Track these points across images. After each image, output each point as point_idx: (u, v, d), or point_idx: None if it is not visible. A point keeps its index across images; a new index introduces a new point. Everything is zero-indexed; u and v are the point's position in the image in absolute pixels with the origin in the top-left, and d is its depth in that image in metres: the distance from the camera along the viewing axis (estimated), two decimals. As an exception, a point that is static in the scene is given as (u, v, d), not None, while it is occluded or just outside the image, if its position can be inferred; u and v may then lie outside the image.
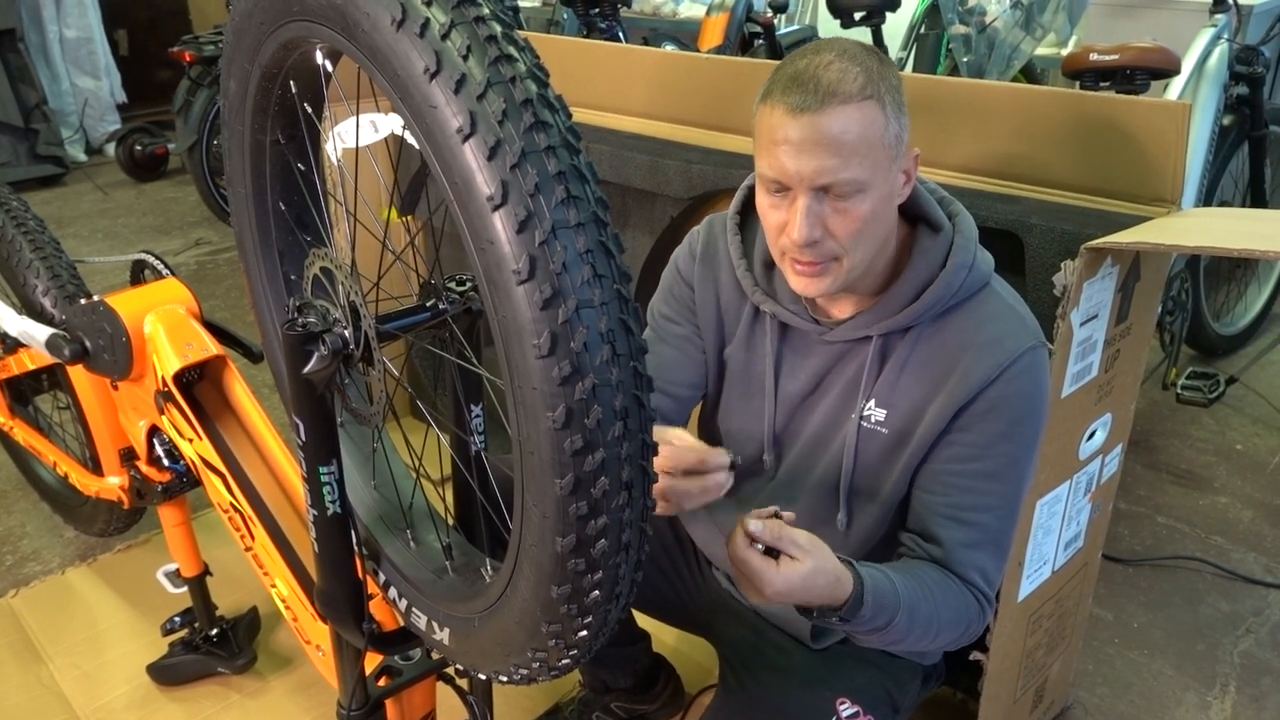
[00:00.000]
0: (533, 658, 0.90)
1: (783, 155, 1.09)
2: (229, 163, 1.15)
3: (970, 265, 1.19)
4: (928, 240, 1.21)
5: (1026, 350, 1.17)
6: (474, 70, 0.71)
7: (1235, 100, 2.83)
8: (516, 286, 0.71)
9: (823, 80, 1.07)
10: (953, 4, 3.51)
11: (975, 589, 1.20)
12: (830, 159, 1.07)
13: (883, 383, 1.24)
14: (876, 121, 1.08)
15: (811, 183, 1.09)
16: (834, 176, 1.08)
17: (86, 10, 5.29)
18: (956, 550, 1.20)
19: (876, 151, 1.09)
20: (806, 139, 1.07)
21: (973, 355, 1.18)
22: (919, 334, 1.22)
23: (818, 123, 1.06)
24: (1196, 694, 1.91)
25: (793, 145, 1.08)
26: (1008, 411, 1.18)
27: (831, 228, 1.11)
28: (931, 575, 1.19)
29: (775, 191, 1.13)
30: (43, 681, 1.93)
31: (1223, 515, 2.45)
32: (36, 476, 2.37)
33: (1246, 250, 1.18)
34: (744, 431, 1.36)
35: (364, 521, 1.17)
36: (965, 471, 1.20)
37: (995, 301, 1.21)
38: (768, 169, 1.12)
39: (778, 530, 1.05)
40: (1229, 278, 3.21)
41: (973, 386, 1.17)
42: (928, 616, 1.15)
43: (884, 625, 1.12)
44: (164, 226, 4.57)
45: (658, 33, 5.27)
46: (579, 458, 0.74)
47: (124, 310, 1.54)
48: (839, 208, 1.10)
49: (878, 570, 1.14)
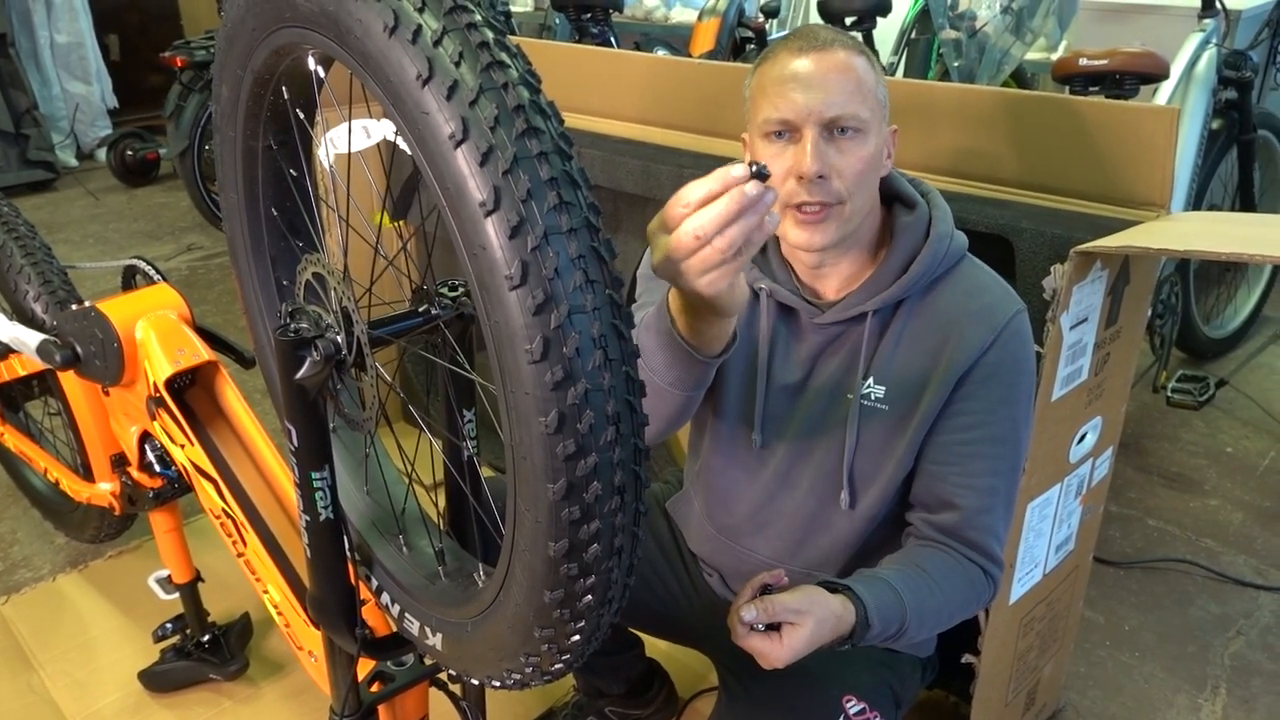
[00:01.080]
0: (525, 663, 0.90)
1: (792, 91, 1.15)
2: (221, 168, 1.15)
3: (951, 234, 1.25)
4: (905, 216, 1.26)
5: (1014, 314, 1.23)
6: (466, 76, 0.71)
7: (1224, 105, 2.85)
8: (509, 292, 0.71)
9: (820, 34, 1.18)
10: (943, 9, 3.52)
11: (987, 557, 1.24)
12: (838, 92, 1.15)
13: (880, 359, 1.26)
14: (870, 73, 1.17)
15: (821, 115, 1.15)
16: (842, 109, 1.15)
17: (77, 15, 5.28)
18: (972, 516, 1.23)
19: (872, 99, 1.17)
20: (815, 72, 1.15)
21: (966, 323, 1.22)
22: (910, 307, 1.25)
23: (824, 57, 1.15)
24: (1187, 696, 1.92)
25: (801, 81, 1.15)
26: (1005, 375, 1.22)
27: (837, 166, 1.17)
28: (934, 563, 1.21)
29: (779, 137, 1.18)
30: (34, 689, 1.92)
31: (1213, 518, 2.46)
32: (27, 483, 2.36)
33: (1235, 254, 1.19)
34: (735, 410, 1.37)
35: (356, 527, 1.17)
36: (974, 439, 1.23)
37: (978, 271, 1.27)
38: (774, 110, 1.17)
39: (770, 608, 1.07)
40: (1219, 281, 3.22)
41: (971, 354, 1.21)
42: (937, 610, 1.18)
43: (896, 633, 1.15)
44: (155, 232, 4.56)
45: (650, 38, 5.28)
46: (571, 463, 0.74)
47: (115, 316, 1.53)
48: (844, 146, 1.16)
49: (879, 580, 1.16)
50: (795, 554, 1.37)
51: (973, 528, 1.23)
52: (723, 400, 1.38)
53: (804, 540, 1.36)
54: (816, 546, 1.36)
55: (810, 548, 1.36)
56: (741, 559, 1.42)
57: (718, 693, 1.50)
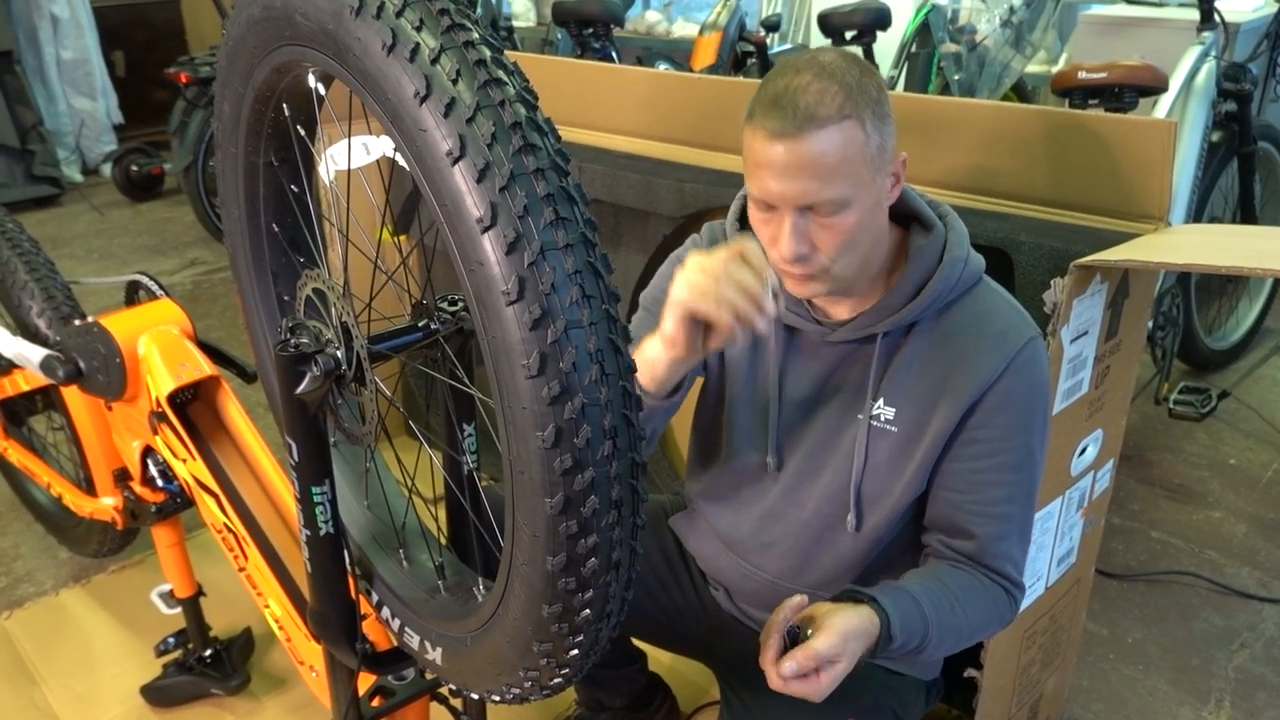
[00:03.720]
0: (525, 677, 0.90)
1: (767, 178, 1.12)
2: (223, 184, 1.15)
3: (966, 259, 1.23)
4: (921, 238, 1.24)
5: (1028, 341, 1.21)
6: (464, 94, 0.72)
7: (1224, 117, 2.85)
8: (506, 307, 0.71)
9: (800, 104, 1.08)
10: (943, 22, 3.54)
11: (1007, 580, 1.24)
12: (810, 182, 1.10)
13: (890, 381, 1.25)
14: (855, 140, 1.10)
15: (795, 204, 1.12)
16: (816, 197, 1.11)
17: (83, 32, 5.31)
18: (989, 544, 1.23)
19: (858, 168, 1.11)
20: (788, 164, 1.10)
21: (979, 349, 1.21)
22: (923, 329, 1.24)
23: (797, 148, 1.09)
24: (1192, 709, 1.91)
25: (775, 169, 1.11)
26: (1019, 402, 1.21)
27: (818, 242, 1.15)
28: (957, 581, 1.21)
29: (764, 209, 1.17)
30: (36, 704, 1.92)
31: (1216, 530, 2.45)
32: (31, 497, 2.36)
33: (1234, 267, 1.19)
34: (748, 436, 1.37)
35: (357, 541, 1.18)
36: (989, 466, 1.23)
37: (993, 295, 1.25)
38: (755, 189, 1.16)
39: (805, 661, 1.06)
40: (1220, 293, 3.22)
41: (983, 381, 1.20)
42: (958, 627, 1.18)
43: (917, 647, 1.14)
44: (160, 247, 4.58)
45: (651, 52, 5.30)
46: (569, 477, 0.75)
47: (118, 331, 1.54)
48: (824, 223, 1.13)
49: (904, 593, 1.15)
50: (800, 573, 1.36)
51: (991, 555, 1.23)
52: (733, 424, 1.37)
53: (808, 559, 1.35)
54: (821, 566, 1.35)
55: (814, 567, 1.35)
56: (747, 575, 1.42)
57: (720, 707, 1.50)
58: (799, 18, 5.39)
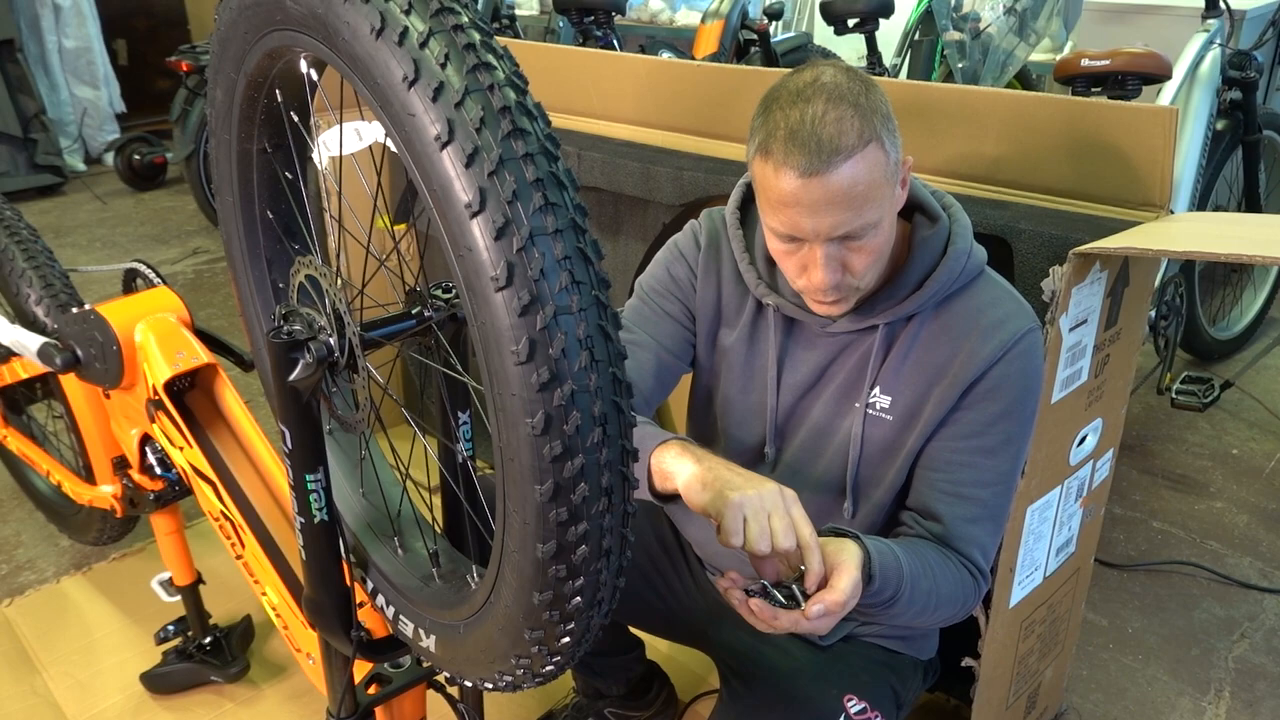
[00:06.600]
0: (517, 664, 0.90)
1: (797, 216, 1.12)
2: (217, 171, 1.15)
3: (969, 251, 1.23)
4: (926, 230, 1.24)
5: (1026, 332, 1.22)
6: (452, 78, 0.71)
7: (1228, 105, 2.83)
8: (495, 293, 0.71)
9: (823, 137, 1.07)
10: (947, 10, 3.51)
11: (973, 564, 1.24)
12: (844, 213, 1.10)
13: (887, 370, 1.26)
14: (878, 162, 1.10)
15: (828, 236, 1.12)
16: (850, 227, 1.12)
17: (85, 20, 5.31)
18: (956, 525, 1.23)
19: (884, 189, 1.12)
20: (819, 200, 1.09)
21: (976, 339, 1.21)
22: (922, 320, 1.25)
23: (827, 183, 1.08)
24: (1191, 699, 1.91)
25: (805, 207, 1.10)
26: (1008, 391, 1.21)
27: (851, 266, 1.16)
28: (929, 552, 1.21)
29: (788, 241, 1.16)
30: (36, 691, 1.93)
31: (1218, 520, 2.45)
32: (31, 485, 2.37)
33: (1234, 255, 1.18)
34: (746, 424, 1.37)
35: (352, 529, 1.18)
36: (965, 448, 1.23)
37: (993, 286, 1.25)
38: (780, 226, 1.14)
39: (834, 605, 1.04)
40: (1224, 282, 3.21)
41: (977, 369, 1.21)
42: (927, 592, 1.18)
43: (890, 598, 1.14)
44: (162, 235, 4.58)
45: (655, 40, 5.28)
46: (558, 464, 0.74)
47: (115, 319, 1.54)
48: (855, 247, 1.15)
49: (883, 543, 1.16)
50: None
51: (957, 537, 1.23)
52: (729, 412, 1.38)
53: None
54: None
55: None
56: (744, 560, 1.41)
57: (719, 692, 1.50)
58: (801, 6, 5.36)
